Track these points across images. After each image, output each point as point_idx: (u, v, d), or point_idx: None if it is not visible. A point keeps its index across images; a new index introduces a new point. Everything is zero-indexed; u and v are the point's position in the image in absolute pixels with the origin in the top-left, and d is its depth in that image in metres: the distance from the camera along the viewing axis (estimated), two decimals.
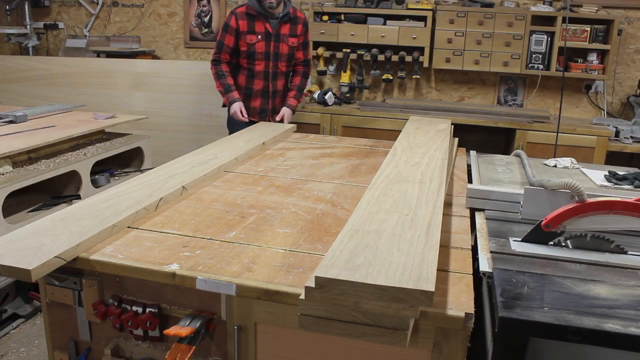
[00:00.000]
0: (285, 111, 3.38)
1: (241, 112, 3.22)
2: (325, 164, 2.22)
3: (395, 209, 1.38)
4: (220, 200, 1.71)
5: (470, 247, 1.42)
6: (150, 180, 1.79)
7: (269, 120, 3.38)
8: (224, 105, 3.41)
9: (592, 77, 4.03)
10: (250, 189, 1.84)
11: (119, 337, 1.41)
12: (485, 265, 1.29)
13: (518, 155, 2.41)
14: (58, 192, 2.61)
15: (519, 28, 3.91)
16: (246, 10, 3.24)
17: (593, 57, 3.96)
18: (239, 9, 3.26)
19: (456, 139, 2.65)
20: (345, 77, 4.34)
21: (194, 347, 1.22)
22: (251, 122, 3.19)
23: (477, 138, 4.02)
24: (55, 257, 1.22)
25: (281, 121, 3.33)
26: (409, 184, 1.61)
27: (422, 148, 2.07)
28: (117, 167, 3.04)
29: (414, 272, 1.02)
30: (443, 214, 1.65)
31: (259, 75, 3.31)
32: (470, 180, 2.08)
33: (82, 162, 2.58)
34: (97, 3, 4.93)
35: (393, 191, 1.53)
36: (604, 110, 4.21)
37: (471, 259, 1.34)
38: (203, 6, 4.75)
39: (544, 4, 4.06)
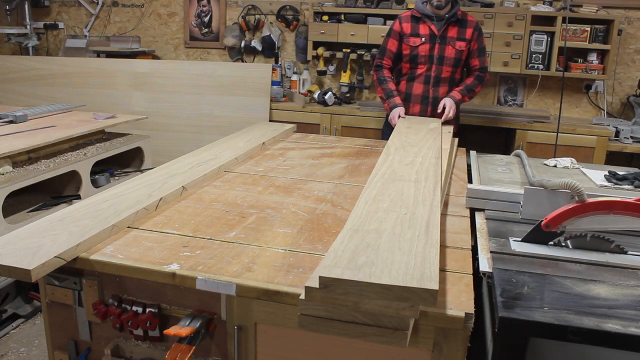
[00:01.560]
0: (446, 100, 3.04)
1: (399, 117, 2.99)
2: (325, 164, 2.22)
3: (393, 208, 1.38)
4: (220, 200, 1.71)
5: (470, 247, 1.42)
6: (150, 180, 1.79)
7: None
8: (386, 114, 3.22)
9: (592, 77, 4.03)
10: (250, 189, 1.84)
11: (119, 337, 1.41)
12: (485, 265, 1.29)
13: (518, 155, 2.41)
14: (58, 192, 2.61)
15: (519, 28, 3.91)
16: (411, 13, 3.14)
17: (593, 57, 3.96)
18: (405, 13, 3.18)
19: (456, 139, 2.65)
20: (345, 77, 4.33)
21: (194, 347, 1.22)
22: None
23: (477, 138, 4.02)
24: (55, 257, 1.22)
25: (442, 113, 3.00)
26: (405, 183, 1.61)
27: (415, 147, 2.08)
28: (117, 167, 3.04)
29: (416, 271, 1.02)
30: (443, 214, 1.65)
31: (420, 79, 3.13)
32: (470, 180, 2.08)
33: (82, 162, 2.57)
34: (97, 3, 4.93)
35: (390, 190, 1.53)
36: (604, 110, 4.21)
37: (471, 259, 1.34)
38: (203, 6, 4.75)
39: (544, 4, 4.06)
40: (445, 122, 2.93)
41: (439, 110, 3.05)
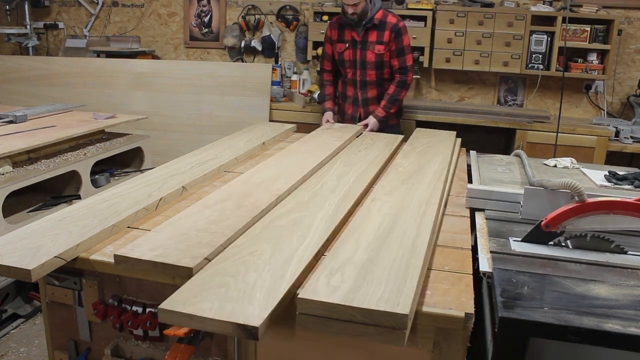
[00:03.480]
0: (369, 120, 3.24)
1: (328, 121, 3.25)
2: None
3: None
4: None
5: (470, 247, 1.42)
6: (150, 180, 1.79)
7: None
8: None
9: (592, 77, 4.03)
10: None
11: (119, 337, 1.41)
12: (485, 265, 1.29)
13: (518, 155, 2.41)
14: (58, 192, 2.61)
15: (519, 28, 3.91)
16: (337, 19, 3.31)
17: (593, 57, 3.96)
18: (334, 19, 3.36)
19: (458, 140, 2.65)
20: None
21: (194, 347, 1.22)
22: None
23: (477, 138, 4.01)
24: (55, 257, 1.22)
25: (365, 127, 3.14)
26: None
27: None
28: (117, 167, 3.04)
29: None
30: (444, 214, 1.66)
31: (349, 82, 3.36)
32: (470, 180, 2.08)
33: (82, 162, 2.57)
34: (97, 3, 4.93)
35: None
36: (604, 110, 4.21)
37: (471, 259, 1.34)
38: (203, 6, 4.75)
39: (544, 4, 4.06)
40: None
41: (363, 128, 3.12)
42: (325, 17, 4.23)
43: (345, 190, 1.69)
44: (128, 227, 1.47)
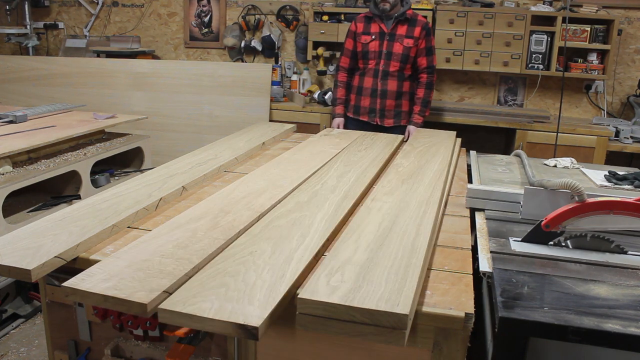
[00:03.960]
0: (410, 129, 3.37)
1: (338, 127, 3.40)
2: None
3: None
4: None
5: (470, 247, 1.42)
6: (150, 180, 1.79)
7: (378, 123, 3.39)
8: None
9: (592, 77, 4.03)
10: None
11: (119, 337, 1.41)
12: (485, 265, 1.29)
13: (518, 155, 2.41)
14: (58, 192, 2.61)
15: (519, 28, 3.91)
16: (365, 14, 3.40)
17: (593, 57, 3.96)
18: (360, 15, 3.46)
19: (458, 140, 2.65)
20: None
21: (194, 347, 1.22)
22: (361, 124, 3.36)
23: (477, 138, 4.02)
24: (55, 257, 1.22)
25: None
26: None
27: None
28: (117, 167, 3.04)
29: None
30: (444, 214, 1.66)
31: (369, 73, 3.38)
32: (470, 180, 2.08)
33: (82, 162, 2.57)
34: (97, 3, 4.93)
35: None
36: (604, 110, 4.21)
37: (471, 259, 1.34)
38: (203, 6, 4.75)
39: (544, 4, 4.06)
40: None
41: (404, 139, 3.11)
42: (325, 17, 4.23)
43: (346, 190, 1.69)
44: (128, 227, 1.47)
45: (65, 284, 1.08)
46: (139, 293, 1.04)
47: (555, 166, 2.26)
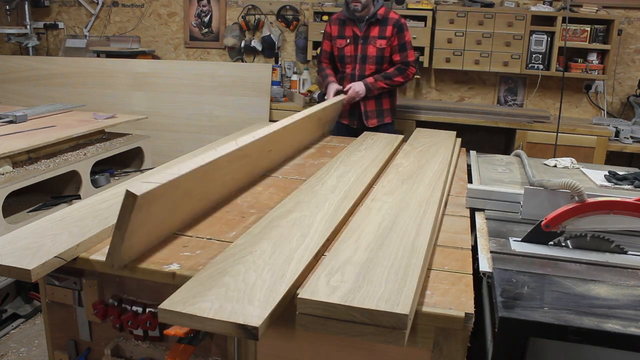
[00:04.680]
0: (354, 84, 3.24)
1: (333, 93, 3.26)
2: (324, 163, 2.21)
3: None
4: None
5: (470, 247, 1.42)
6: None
7: (359, 124, 3.35)
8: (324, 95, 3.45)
9: (592, 77, 4.03)
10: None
11: (119, 337, 1.41)
12: (485, 265, 1.29)
13: (518, 155, 2.41)
14: (58, 192, 2.61)
15: (519, 28, 3.91)
16: (337, 16, 3.37)
17: (593, 57, 3.96)
18: (334, 16, 3.42)
19: (458, 140, 2.65)
20: None
21: (194, 347, 1.22)
22: (341, 126, 3.32)
23: (477, 138, 4.02)
24: (55, 257, 1.22)
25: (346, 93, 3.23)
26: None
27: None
28: (117, 167, 3.04)
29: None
30: (444, 214, 1.66)
31: (347, 78, 3.36)
32: (470, 180, 2.08)
33: (82, 162, 2.57)
34: (97, 3, 4.93)
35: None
36: (604, 110, 4.21)
37: (471, 259, 1.34)
38: (203, 6, 4.75)
39: (544, 4, 4.06)
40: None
41: (344, 89, 3.28)
42: (325, 17, 4.23)
43: (346, 190, 1.68)
44: None
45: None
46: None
47: (555, 166, 2.26)
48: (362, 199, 1.67)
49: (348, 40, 3.31)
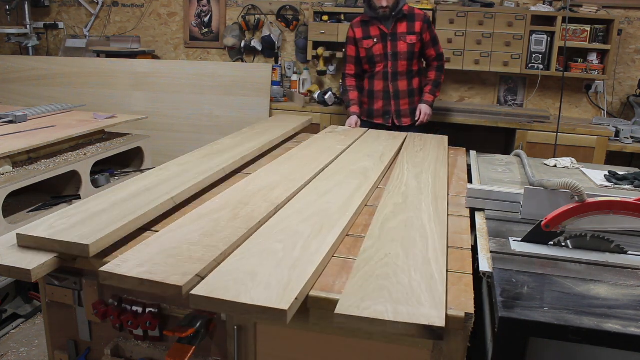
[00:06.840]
0: (421, 107, 3.33)
1: (355, 124, 3.28)
2: None
3: None
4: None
5: (470, 247, 1.42)
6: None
7: (393, 123, 3.35)
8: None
9: (592, 77, 4.03)
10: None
11: (119, 337, 1.41)
12: (485, 265, 1.29)
13: (518, 155, 2.41)
14: (58, 192, 2.61)
15: (519, 28, 3.91)
16: (361, 18, 3.35)
17: (593, 57, 3.96)
18: (355, 20, 3.40)
19: (445, 138, 2.66)
20: None
21: (194, 347, 1.22)
22: (373, 126, 3.30)
23: (477, 138, 4.02)
24: (55, 257, 1.22)
25: (419, 118, 3.32)
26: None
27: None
28: (117, 167, 3.04)
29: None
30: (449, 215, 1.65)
31: (379, 76, 3.33)
32: (470, 180, 2.08)
33: (82, 162, 2.57)
34: (97, 3, 4.93)
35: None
36: (604, 110, 4.21)
37: (471, 259, 1.34)
38: (203, 6, 4.75)
39: (544, 4, 4.06)
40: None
41: (416, 118, 3.32)
42: (325, 17, 4.23)
43: (433, 191, 1.76)
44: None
45: (102, 269, 1.14)
46: (174, 276, 1.10)
47: (555, 166, 2.26)
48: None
49: (375, 40, 3.28)
